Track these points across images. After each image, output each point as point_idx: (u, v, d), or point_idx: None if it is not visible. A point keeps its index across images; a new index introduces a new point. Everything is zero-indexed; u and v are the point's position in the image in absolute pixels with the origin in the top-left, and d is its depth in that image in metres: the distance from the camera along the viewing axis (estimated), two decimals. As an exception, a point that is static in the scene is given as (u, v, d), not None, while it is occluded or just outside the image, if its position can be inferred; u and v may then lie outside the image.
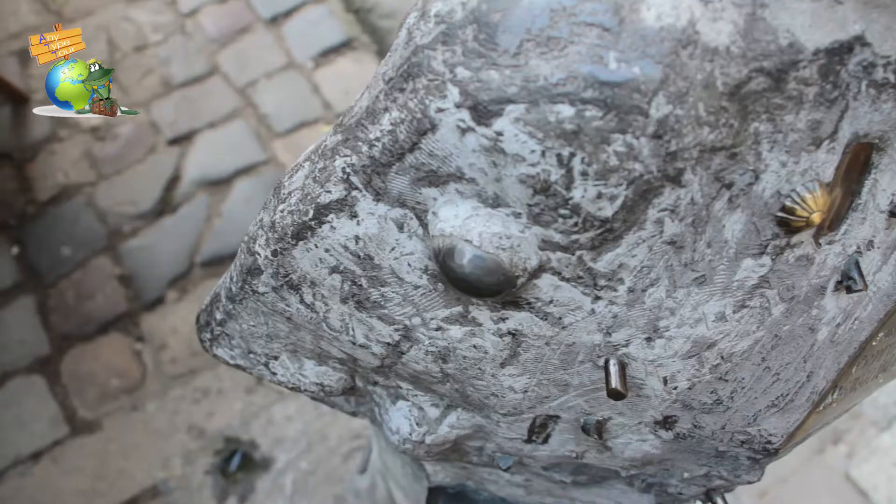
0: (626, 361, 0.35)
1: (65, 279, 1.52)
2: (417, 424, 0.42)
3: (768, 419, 0.40)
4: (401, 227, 0.32)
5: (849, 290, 0.35)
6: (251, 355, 0.43)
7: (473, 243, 0.29)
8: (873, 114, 0.31)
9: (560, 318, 0.32)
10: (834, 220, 0.34)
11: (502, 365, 0.35)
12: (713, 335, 0.34)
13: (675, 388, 0.36)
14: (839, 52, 0.28)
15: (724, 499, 0.47)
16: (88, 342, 1.45)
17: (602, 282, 0.31)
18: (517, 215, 0.29)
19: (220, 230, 1.58)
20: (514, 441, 0.42)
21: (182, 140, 1.69)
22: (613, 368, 0.34)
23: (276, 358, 0.43)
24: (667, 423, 0.39)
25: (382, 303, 0.35)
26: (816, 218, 0.30)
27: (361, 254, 0.34)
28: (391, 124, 0.30)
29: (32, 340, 1.46)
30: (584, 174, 0.27)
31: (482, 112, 0.27)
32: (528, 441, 0.42)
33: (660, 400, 0.37)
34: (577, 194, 0.27)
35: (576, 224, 0.28)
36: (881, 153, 0.33)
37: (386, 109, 0.30)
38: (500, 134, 0.27)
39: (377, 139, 0.30)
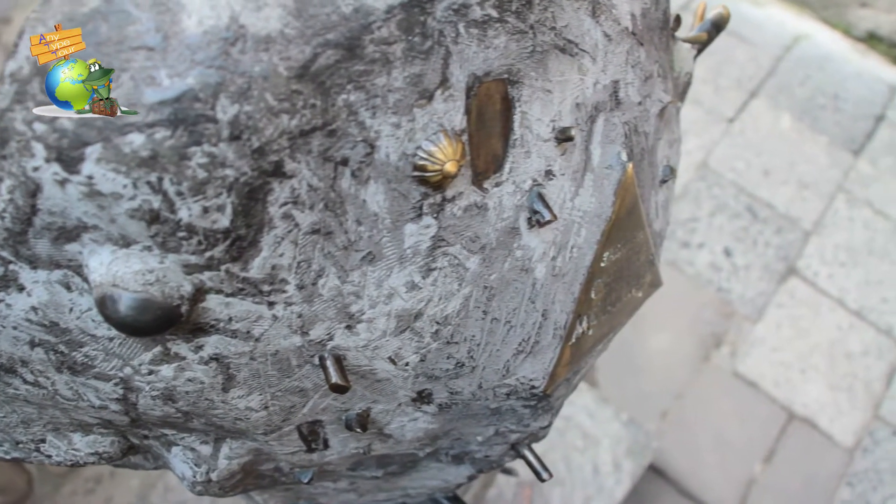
0: (341, 354, 0.35)
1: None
2: (196, 465, 0.41)
3: (522, 366, 0.41)
4: (68, 287, 0.32)
5: (539, 223, 0.36)
6: (20, 445, 0.41)
7: (121, 286, 0.29)
8: (486, 52, 0.31)
9: (249, 332, 0.32)
10: (493, 162, 0.34)
11: (225, 390, 0.35)
12: (414, 305, 0.34)
13: (407, 364, 0.36)
14: (418, 3, 0.28)
15: (531, 449, 0.48)
16: (-37, 467, 1.38)
17: (266, 287, 0.31)
18: (149, 249, 0.28)
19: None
20: (298, 454, 0.42)
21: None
22: (329, 363, 0.34)
23: (43, 441, 0.41)
24: (423, 397, 0.39)
25: (90, 363, 0.34)
26: (451, 167, 0.30)
27: (46, 322, 0.33)
28: (9, 193, 0.29)
29: None
30: (180, 194, 0.26)
31: (67, 161, 0.26)
32: (311, 450, 0.41)
33: (401, 379, 0.37)
34: (184, 214, 0.27)
35: (200, 242, 0.28)
36: (518, 86, 0.34)
37: (1, 179, 0.29)
38: (91, 178, 0.26)
39: (4, 210, 0.30)
